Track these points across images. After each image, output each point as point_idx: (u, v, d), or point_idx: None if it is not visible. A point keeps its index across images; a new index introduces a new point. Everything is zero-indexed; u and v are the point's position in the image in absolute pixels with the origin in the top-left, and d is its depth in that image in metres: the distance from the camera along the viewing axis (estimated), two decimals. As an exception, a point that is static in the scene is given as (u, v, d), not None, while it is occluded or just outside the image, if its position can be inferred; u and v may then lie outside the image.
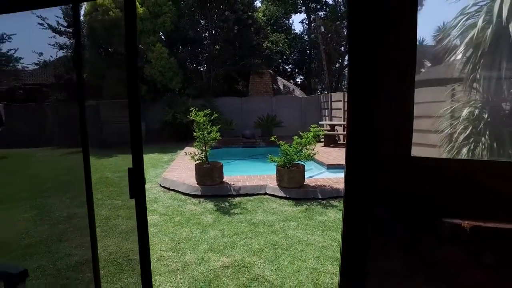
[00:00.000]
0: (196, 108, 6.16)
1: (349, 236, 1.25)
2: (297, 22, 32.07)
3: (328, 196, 5.42)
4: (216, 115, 6.46)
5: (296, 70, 27.56)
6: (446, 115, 3.08)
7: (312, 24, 23.96)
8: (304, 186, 5.74)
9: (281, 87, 19.34)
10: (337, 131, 11.47)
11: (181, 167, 7.49)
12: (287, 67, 27.19)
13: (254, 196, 5.57)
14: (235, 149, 11.50)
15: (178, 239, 3.86)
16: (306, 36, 26.12)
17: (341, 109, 12.32)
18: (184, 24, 15.18)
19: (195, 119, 5.88)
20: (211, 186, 5.81)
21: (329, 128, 11.50)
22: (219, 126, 6.33)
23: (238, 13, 14.95)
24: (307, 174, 6.22)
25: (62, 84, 13.26)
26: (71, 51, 13.76)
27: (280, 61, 24.17)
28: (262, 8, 21.74)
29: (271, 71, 18.63)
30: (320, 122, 12.48)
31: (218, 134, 6.02)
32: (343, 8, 20.71)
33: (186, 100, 14.07)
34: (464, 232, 1.06)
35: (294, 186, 5.60)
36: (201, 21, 16.22)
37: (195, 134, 5.98)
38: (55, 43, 13.33)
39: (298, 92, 19.64)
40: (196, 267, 3.18)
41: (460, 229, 1.07)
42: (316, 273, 3.04)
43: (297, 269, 3.12)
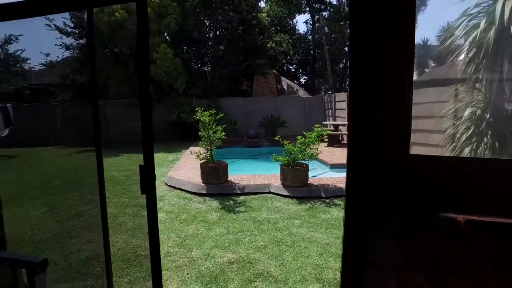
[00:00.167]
0: (202, 108, 6.27)
1: (350, 231, 1.32)
2: (301, 23, 32.16)
3: (331, 195, 5.48)
4: (222, 115, 6.55)
5: (300, 71, 27.62)
6: (449, 115, 3.13)
7: (316, 25, 23.99)
8: (308, 185, 5.80)
9: (285, 87, 19.40)
10: (341, 131, 11.49)
11: (186, 166, 7.58)
12: (291, 67, 27.26)
13: (259, 195, 5.64)
14: (240, 149, 11.57)
15: (184, 236, 3.95)
16: (310, 37, 26.17)
17: (345, 109, 12.34)
18: (189, 25, 15.27)
19: (201, 119, 5.98)
20: (216, 185, 5.89)
21: (333, 128, 11.55)
22: (224, 126, 6.41)
23: (243, 14, 15.01)
24: (311, 174, 6.29)
25: (69, 84, 13.43)
26: (77, 52, 13.95)
27: (284, 62, 24.20)
28: (266, 9, 21.79)
29: (275, 71, 18.68)
30: (324, 122, 12.52)
31: (223, 134, 6.11)
32: (347, 9, 20.70)
33: (191, 100, 14.18)
34: (459, 226, 1.13)
35: (298, 185, 5.67)
36: (206, 22, 16.30)
37: (201, 134, 6.07)
38: (62, 44, 13.51)
39: (302, 92, 19.69)
40: (202, 263, 3.27)
41: (456, 223, 1.13)
42: (319, 269, 3.11)
43: (301, 265, 3.19)
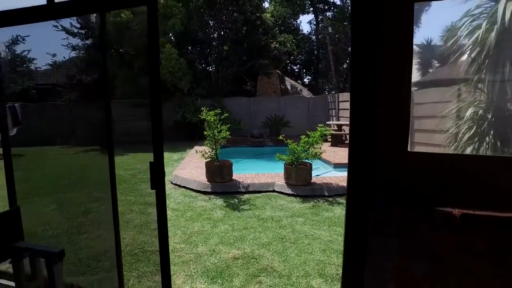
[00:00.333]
0: (207, 108, 6.36)
1: (351, 229, 1.39)
2: (305, 23, 32.06)
3: (334, 194, 5.54)
4: (226, 114, 6.64)
5: (304, 71, 27.67)
6: (452, 115, 3.18)
7: (320, 25, 24.01)
8: (311, 184, 5.87)
9: (289, 87, 19.46)
10: (344, 131, 11.52)
11: (191, 165, 7.68)
12: (295, 68, 27.31)
13: (263, 193, 5.72)
14: (244, 148, 11.65)
15: (190, 233, 4.04)
16: (314, 37, 26.20)
17: (348, 109, 12.31)
18: (194, 25, 15.39)
19: (206, 118, 6.07)
20: (221, 183, 5.98)
21: (337, 128, 11.57)
22: (228, 126, 6.49)
23: (247, 14, 15.10)
24: (315, 173, 6.35)
25: (75, 84, 13.59)
26: (83, 52, 14.11)
27: (288, 62, 24.26)
28: (270, 9, 21.86)
29: (279, 72, 18.76)
30: (328, 122, 12.56)
31: (228, 133, 6.20)
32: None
33: (195, 100, 14.28)
34: (455, 219, 1.20)
35: (302, 184, 5.74)
36: (210, 22, 16.41)
37: (206, 133, 6.16)
38: (68, 44, 13.68)
39: (306, 92, 19.73)
40: (208, 258, 3.35)
41: (451, 216, 1.20)
42: (322, 265, 3.18)
43: (304, 261, 3.27)
